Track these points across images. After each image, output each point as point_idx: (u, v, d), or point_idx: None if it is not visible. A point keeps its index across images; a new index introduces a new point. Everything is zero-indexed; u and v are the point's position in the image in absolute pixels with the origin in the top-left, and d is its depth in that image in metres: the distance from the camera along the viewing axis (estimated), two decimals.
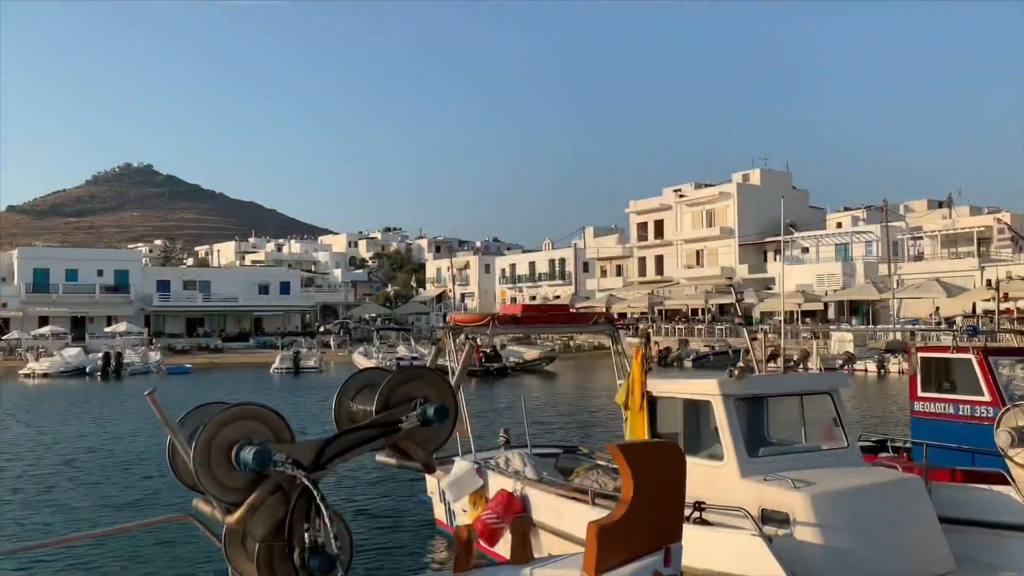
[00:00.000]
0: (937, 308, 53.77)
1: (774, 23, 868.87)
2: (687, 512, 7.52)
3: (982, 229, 60.26)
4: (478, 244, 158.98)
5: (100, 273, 78.52)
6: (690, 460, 8.51)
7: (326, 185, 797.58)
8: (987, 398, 11.54)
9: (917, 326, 52.25)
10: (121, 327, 70.44)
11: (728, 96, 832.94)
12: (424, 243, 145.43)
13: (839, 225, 73.60)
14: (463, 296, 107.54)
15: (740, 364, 8.36)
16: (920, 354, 12.62)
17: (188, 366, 58.20)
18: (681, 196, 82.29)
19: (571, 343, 72.93)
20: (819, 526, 7.03)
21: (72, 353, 57.34)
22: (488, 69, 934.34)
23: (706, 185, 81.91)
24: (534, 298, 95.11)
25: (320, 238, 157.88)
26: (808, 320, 63.72)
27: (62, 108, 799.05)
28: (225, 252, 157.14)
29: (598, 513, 8.45)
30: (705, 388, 8.26)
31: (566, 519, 8.85)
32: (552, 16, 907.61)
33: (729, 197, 77.72)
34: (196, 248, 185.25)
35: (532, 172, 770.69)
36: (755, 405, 8.64)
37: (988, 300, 51.16)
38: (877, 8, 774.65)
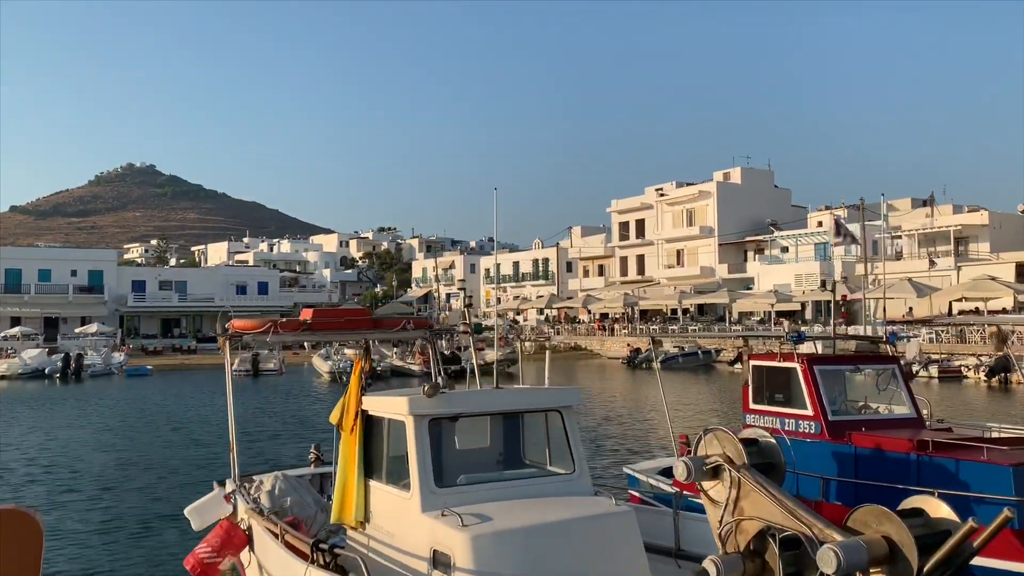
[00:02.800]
0: (911, 308, 52.59)
1: (771, 22, 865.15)
2: (311, 554, 6.54)
3: (959, 228, 59.00)
4: (472, 244, 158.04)
5: (74, 273, 77.84)
6: (388, 490, 7.56)
7: (329, 186, 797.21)
8: (810, 412, 10.48)
9: (893, 326, 51.62)
10: (92, 328, 69.69)
11: (726, 94, 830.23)
12: (415, 243, 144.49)
13: (820, 224, 72.27)
14: (448, 296, 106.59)
15: (436, 379, 7.32)
16: (752, 362, 11.55)
17: (148, 368, 57.37)
18: (662, 195, 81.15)
19: (547, 344, 71.95)
20: (477, 571, 6.02)
21: (32, 355, 56.52)
22: (488, 70, 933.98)
23: (687, 184, 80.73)
24: (518, 297, 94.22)
25: (311, 238, 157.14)
26: (783, 320, 62.54)
27: (65, 108, 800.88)
28: (218, 252, 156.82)
29: (283, 553, 7.45)
30: (398, 407, 7.24)
31: (271, 557, 7.85)
32: (554, 16, 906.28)
33: (709, 196, 76.56)
34: (193, 248, 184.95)
35: (531, 173, 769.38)
36: (465, 426, 7.63)
37: (959, 300, 49.98)
38: (871, 6, 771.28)
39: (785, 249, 71.47)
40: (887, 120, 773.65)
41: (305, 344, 72.85)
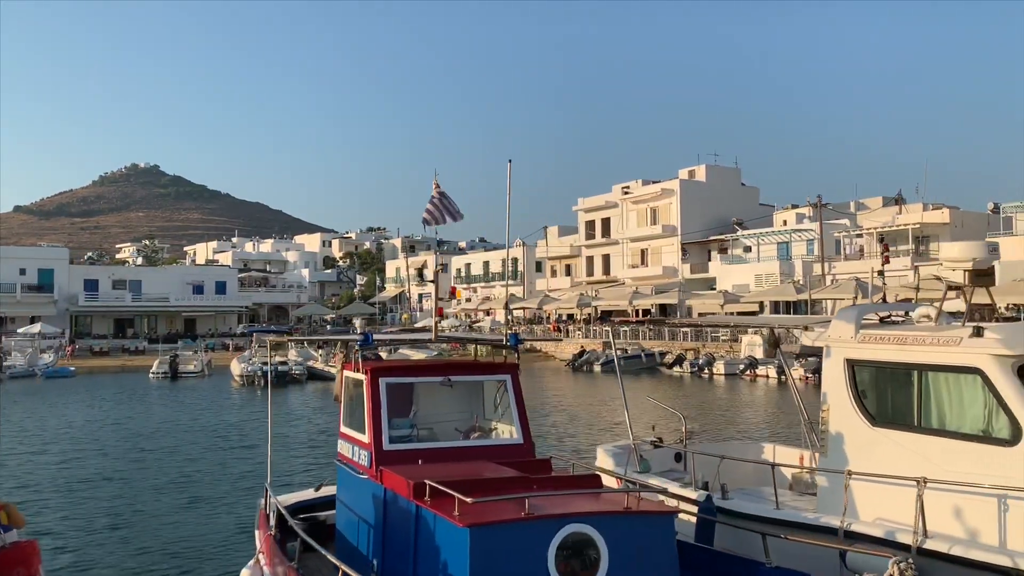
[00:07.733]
0: None
1: (768, 21, 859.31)
2: None
3: (918, 226, 56.25)
4: (462, 244, 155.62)
5: (23, 272, 76.09)
6: None
7: (331, 187, 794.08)
8: (366, 439, 8.10)
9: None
10: (35, 328, 67.90)
11: (727, 92, 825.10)
12: (399, 242, 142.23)
13: (785, 223, 69.59)
14: (420, 296, 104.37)
15: None
16: (345, 372, 9.19)
17: (71, 369, 55.51)
18: (627, 193, 78.66)
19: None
20: None
21: None
22: (488, 71, 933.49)
23: (652, 182, 78.18)
24: (487, 298, 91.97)
25: (295, 237, 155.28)
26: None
27: (69, 108, 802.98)
28: (204, 252, 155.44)
29: None
30: None
31: None
32: (539, 16, 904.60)
33: (672, 194, 74.00)
34: (186, 248, 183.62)
35: (530, 173, 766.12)
36: None
37: (910, 299, 47.21)
38: (864, 5, 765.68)
39: (748, 248, 68.81)
40: (874, 119, 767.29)
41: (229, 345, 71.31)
